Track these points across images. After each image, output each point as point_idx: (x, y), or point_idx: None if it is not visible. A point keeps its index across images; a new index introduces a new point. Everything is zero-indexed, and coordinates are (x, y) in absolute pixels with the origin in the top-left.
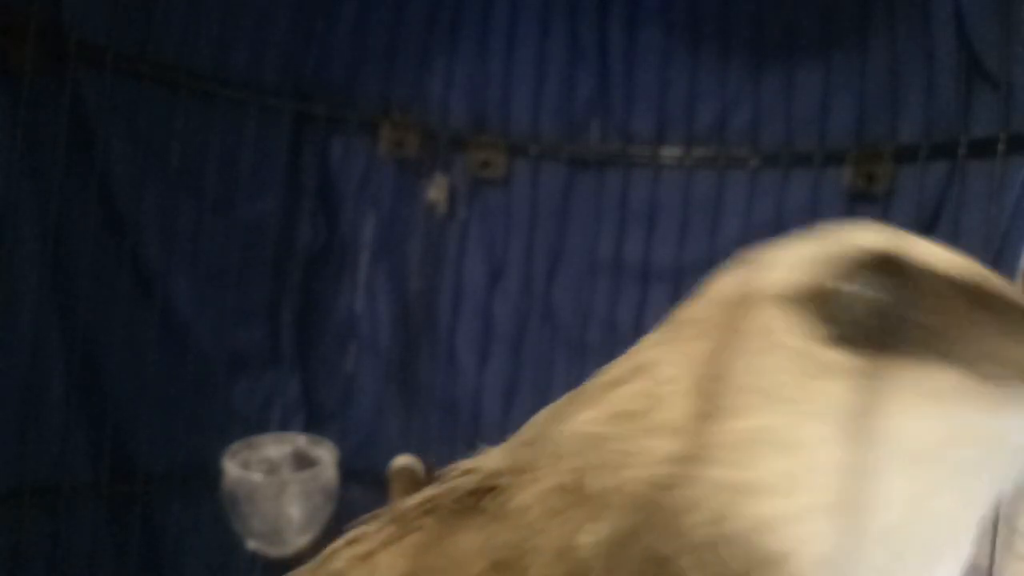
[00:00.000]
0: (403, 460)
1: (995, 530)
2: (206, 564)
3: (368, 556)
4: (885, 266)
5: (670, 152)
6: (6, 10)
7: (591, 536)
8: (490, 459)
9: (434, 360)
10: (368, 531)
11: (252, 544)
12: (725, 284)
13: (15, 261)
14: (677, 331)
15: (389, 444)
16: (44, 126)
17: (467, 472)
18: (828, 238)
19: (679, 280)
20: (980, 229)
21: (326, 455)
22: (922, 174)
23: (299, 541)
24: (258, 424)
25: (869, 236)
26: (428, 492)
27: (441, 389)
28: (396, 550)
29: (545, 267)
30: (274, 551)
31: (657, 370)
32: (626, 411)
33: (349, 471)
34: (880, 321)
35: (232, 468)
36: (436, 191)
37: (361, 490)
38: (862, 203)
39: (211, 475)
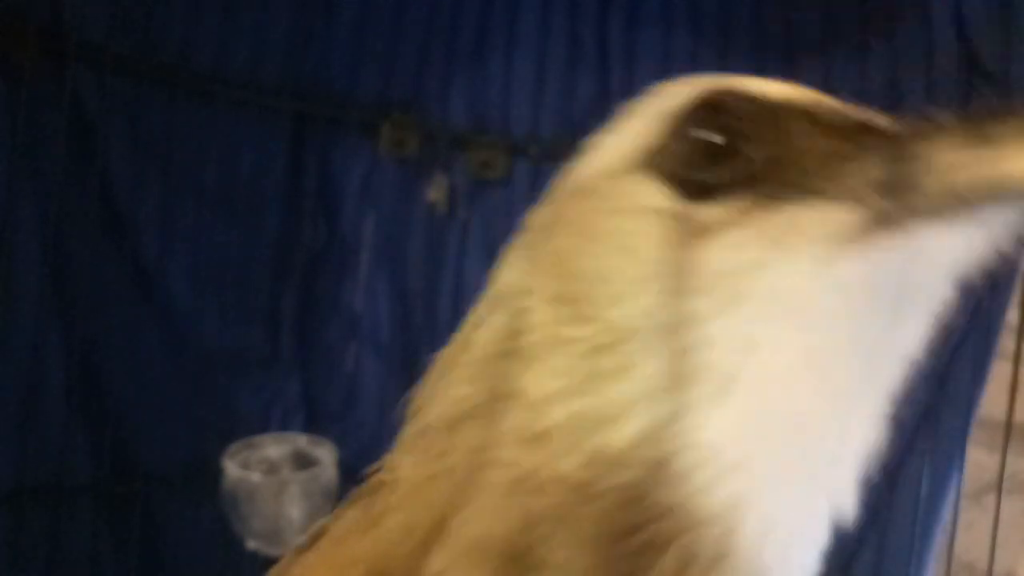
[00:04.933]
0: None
1: (995, 529)
2: (206, 564)
3: (284, 569)
4: (716, 108)
5: None
6: (6, 10)
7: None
8: (392, 453)
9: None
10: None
11: (252, 544)
12: (563, 183)
13: (15, 261)
14: (527, 244)
15: (390, 444)
16: (44, 126)
17: (379, 466)
18: (647, 103)
19: None
20: None
21: (326, 455)
22: None
23: (299, 541)
24: (258, 424)
25: (690, 86)
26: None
27: None
28: (304, 561)
29: None
30: (274, 551)
31: (511, 292)
32: (490, 355)
33: (349, 471)
34: (726, 165)
35: (232, 468)
36: (436, 191)
37: None
38: None
39: (211, 475)
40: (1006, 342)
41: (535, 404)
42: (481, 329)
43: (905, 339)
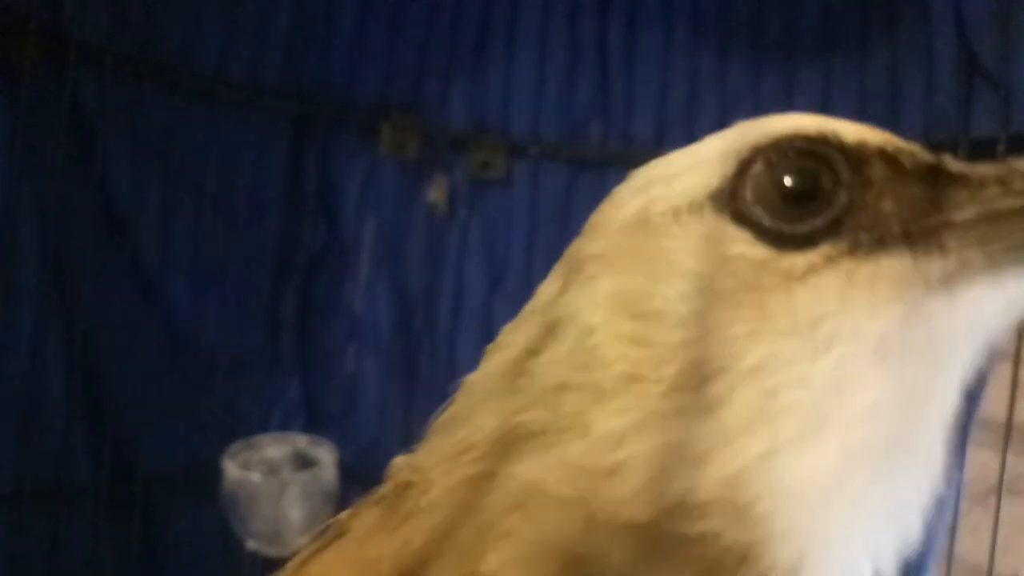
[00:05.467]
0: (404, 461)
1: (995, 531)
2: (206, 564)
3: (302, 565)
4: (793, 151)
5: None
6: (6, 10)
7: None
8: (416, 453)
9: (435, 361)
10: (312, 540)
11: (252, 544)
12: (621, 209)
13: (15, 261)
14: (578, 271)
15: (390, 445)
16: (44, 126)
17: (395, 469)
18: (713, 139)
19: None
20: None
21: (326, 456)
22: None
23: (299, 542)
24: (258, 425)
25: (762, 126)
26: (368, 495)
27: (442, 390)
28: (323, 559)
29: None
30: (274, 551)
31: (573, 324)
32: (549, 386)
33: (349, 472)
34: (808, 211)
35: (232, 468)
36: (436, 192)
37: (361, 491)
38: None
39: (211, 475)
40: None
41: (605, 439)
42: (532, 354)
43: (960, 380)
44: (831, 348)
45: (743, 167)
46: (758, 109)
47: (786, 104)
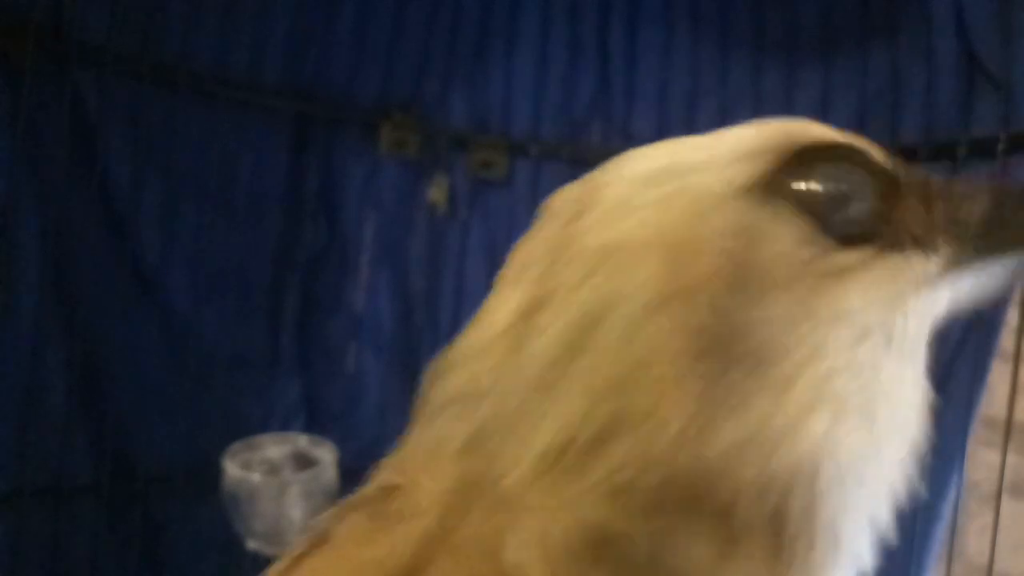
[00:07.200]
0: (388, 462)
1: (995, 529)
2: (206, 564)
3: (286, 573)
4: (833, 156)
5: None
6: (6, 10)
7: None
8: (400, 453)
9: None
10: (297, 544)
11: (252, 544)
12: (643, 190)
13: (15, 261)
14: (598, 254)
15: (390, 445)
16: (44, 126)
17: (379, 471)
18: (761, 131)
19: None
20: None
21: (327, 455)
22: None
23: (292, 546)
24: (258, 424)
25: (802, 128)
26: (349, 498)
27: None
28: (308, 566)
29: None
30: (274, 551)
31: (619, 307)
32: (608, 384)
33: (350, 472)
34: (844, 211)
35: (232, 468)
36: (437, 191)
37: None
38: None
39: (211, 475)
40: (1006, 342)
41: (674, 423)
42: (564, 347)
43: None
44: (867, 338)
45: (786, 165)
46: (758, 109)
47: (786, 104)
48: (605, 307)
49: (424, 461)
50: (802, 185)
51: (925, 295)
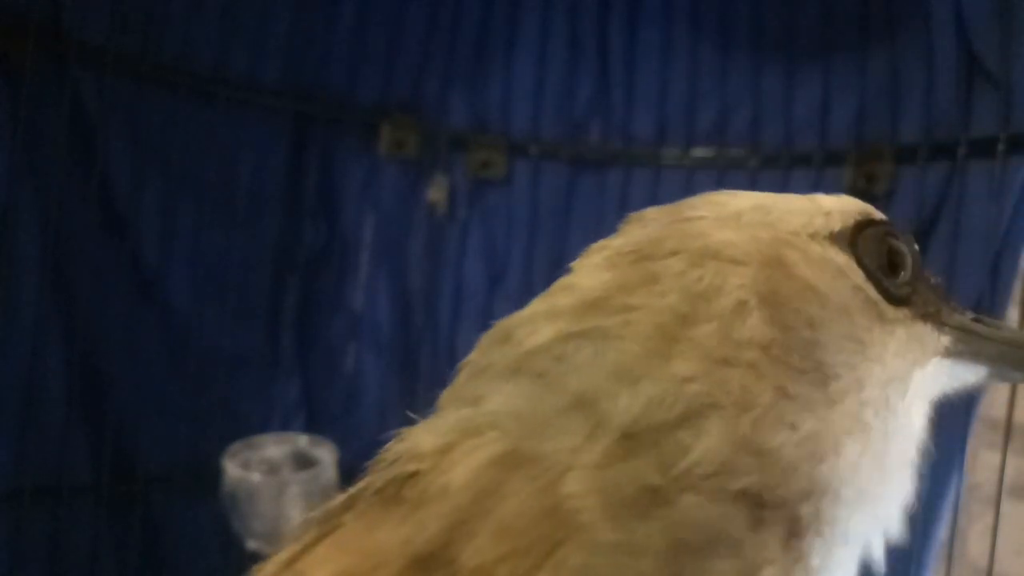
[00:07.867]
0: (398, 449)
1: (995, 530)
2: (206, 564)
3: (291, 562)
4: (896, 231)
5: (670, 152)
6: (6, 10)
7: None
8: (412, 440)
9: (435, 360)
10: (297, 535)
11: (252, 544)
12: (739, 217)
13: (15, 261)
14: (702, 255)
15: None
16: (44, 126)
17: (390, 458)
18: (841, 199)
19: None
20: (980, 229)
21: (326, 455)
22: (922, 174)
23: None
24: (258, 424)
25: (874, 210)
26: (356, 486)
27: (443, 389)
28: (317, 554)
29: (546, 267)
30: (274, 551)
31: (720, 300)
32: (710, 359)
33: (349, 471)
34: (896, 275)
35: (232, 468)
36: (436, 191)
37: None
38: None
39: (211, 475)
40: None
41: (764, 415)
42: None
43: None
44: (894, 383)
45: (860, 226)
46: (758, 109)
47: (786, 104)
48: (711, 291)
49: (456, 439)
50: (873, 245)
51: (936, 365)
